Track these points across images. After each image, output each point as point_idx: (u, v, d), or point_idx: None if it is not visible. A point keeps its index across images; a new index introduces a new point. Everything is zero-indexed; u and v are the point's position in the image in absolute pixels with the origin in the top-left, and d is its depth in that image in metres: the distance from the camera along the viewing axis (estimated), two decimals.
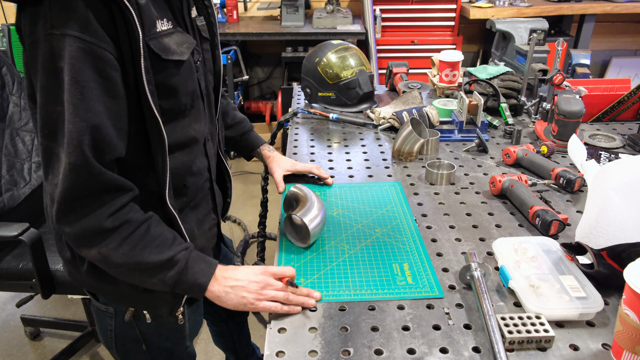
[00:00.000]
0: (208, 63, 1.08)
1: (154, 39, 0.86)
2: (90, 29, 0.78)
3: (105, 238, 0.86)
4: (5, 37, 2.95)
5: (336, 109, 1.84)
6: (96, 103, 0.80)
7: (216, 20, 1.09)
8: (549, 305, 0.88)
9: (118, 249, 0.86)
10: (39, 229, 1.51)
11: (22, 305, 2.20)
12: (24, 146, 1.76)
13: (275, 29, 3.39)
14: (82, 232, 0.84)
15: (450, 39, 3.63)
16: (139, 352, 1.12)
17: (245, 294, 0.93)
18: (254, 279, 0.94)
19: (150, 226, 0.90)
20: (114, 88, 0.82)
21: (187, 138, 0.99)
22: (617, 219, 0.96)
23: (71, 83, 0.78)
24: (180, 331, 1.11)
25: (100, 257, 0.87)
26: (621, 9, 3.46)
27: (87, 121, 0.79)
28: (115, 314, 1.07)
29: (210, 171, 1.11)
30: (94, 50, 0.79)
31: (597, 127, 1.70)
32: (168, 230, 0.93)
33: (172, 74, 0.91)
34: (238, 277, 0.95)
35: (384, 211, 1.23)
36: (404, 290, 0.97)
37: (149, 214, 0.92)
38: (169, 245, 0.91)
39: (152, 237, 0.90)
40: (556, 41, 1.73)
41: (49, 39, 0.77)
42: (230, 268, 0.97)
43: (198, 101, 1.02)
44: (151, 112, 0.87)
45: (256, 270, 0.96)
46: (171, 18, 0.93)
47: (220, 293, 0.93)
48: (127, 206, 0.88)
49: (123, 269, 0.89)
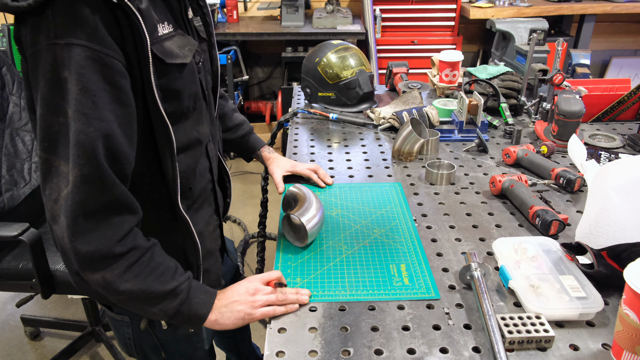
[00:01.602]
0: (206, 64, 1.08)
1: (156, 44, 0.85)
2: (97, 37, 0.76)
3: (111, 264, 0.83)
4: (5, 37, 2.95)
5: (336, 109, 1.84)
6: (107, 112, 0.79)
7: (211, 20, 1.08)
8: (549, 305, 0.88)
9: (123, 276, 0.84)
10: (39, 229, 1.51)
11: (22, 305, 2.20)
12: (24, 146, 1.76)
13: (275, 29, 3.39)
14: (90, 255, 0.81)
15: (450, 39, 3.63)
16: (159, 358, 1.11)
17: (240, 307, 0.93)
18: (243, 290, 0.95)
19: (154, 254, 0.89)
20: (123, 96, 0.81)
21: (191, 140, 0.98)
22: (617, 219, 0.96)
23: (81, 93, 0.76)
24: (197, 335, 1.11)
25: (104, 283, 0.84)
26: (621, 9, 3.46)
27: (101, 130, 0.78)
28: (132, 323, 1.07)
29: (212, 172, 1.11)
30: (102, 58, 0.77)
31: (597, 127, 1.70)
32: (169, 259, 0.92)
33: (176, 77, 0.90)
34: (227, 295, 0.95)
35: (383, 212, 1.23)
36: (401, 291, 0.97)
37: (152, 240, 0.90)
38: (171, 274, 0.89)
39: (156, 265, 0.88)
40: (556, 41, 1.73)
41: (52, 48, 0.75)
42: (222, 294, 0.96)
43: (200, 103, 1.02)
44: (160, 117, 0.86)
45: (242, 283, 0.97)
46: (171, 21, 0.92)
47: (217, 316, 0.93)
48: (134, 231, 0.86)
49: (125, 297, 0.86)
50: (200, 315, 0.92)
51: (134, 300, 0.88)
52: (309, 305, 0.94)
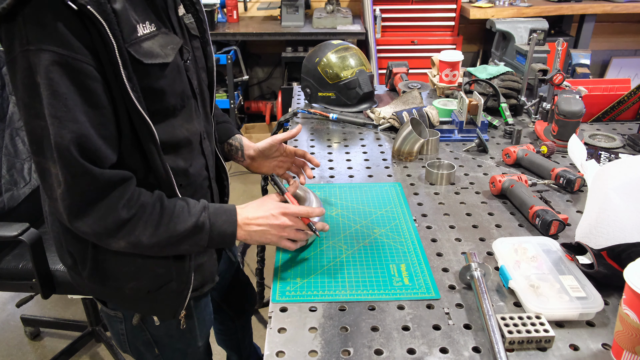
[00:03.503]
0: (200, 61, 1.07)
1: (134, 44, 0.84)
2: (64, 42, 0.77)
3: (127, 227, 0.87)
4: None
5: (336, 109, 1.84)
6: (80, 114, 0.80)
7: (205, 16, 1.08)
8: (549, 305, 0.88)
9: (144, 232, 0.89)
10: (39, 229, 1.51)
11: (22, 305, 2.20)
12: (24, 146, 1.76)
13: (275, 29, 3.38)
14: (103, 228, 0.86)
15: (450, 39, 3.63)
16: (152, 355, 1.12)
17: (269, 236, 1.00)
18: (275, 222, 0.99)
19: (162, 202, 0.92)
20: (95, 98, 0.82)
21: (180, 138, 0.98)
22: (617, 219, 0.96)
23: (52, 97, 0.77)
24: (190, 331, 1.11)
25: (131, 246, 0.89)
26: (621, 9, 3.46)
27: (75, 132, 0.79)
28: (125, 319, 1.08)
29: (209, 169, 1.11)
30: (70, 63, 0.78)
31: (597, 127, 1.70)
32: (176, 198, 0.95)
33: (157, 77, 0.90)
34: (260, 222, 0.99)
35: (383, 212, 1.23)
36: (401, 291, 0.97)
37: (155, 192, 0.93)
38: (187, 212, 0.93)
39: (169, 210, 0.92)
40: (556, 41, 1.73)
41: (25, 55, 0.76)
42: (250, 208, 1.01)
43: (189, 101, 1.01)
44: (140, 116, 0.86)
45: (275, 211, 1.00)
46: (154, 20, 0.91)
47: (245, 237, 0.99)
48: (135, 192, 0.89)
49: (156, 248, 0.91)
50: (230, 234, 0.97)
51: (166, 247, 0.92)
52: (309, 305, 0.94)
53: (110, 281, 0.98)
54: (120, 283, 0.98)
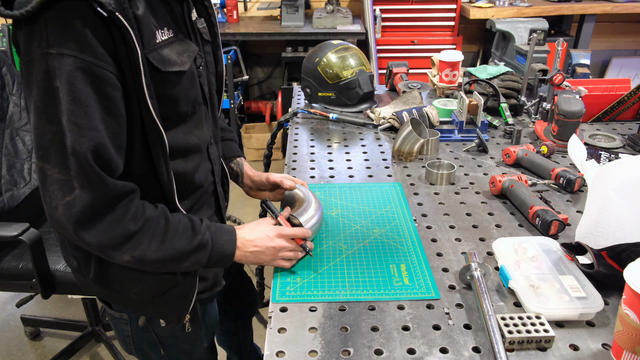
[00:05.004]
0: (210, 66, 1.07)
1: (153, 51, 0.84)
2: (89, 49, 0.76)
3: (134, 241, 0.87)
4: (5, 37, 2.94)
5: (336, 109, 1.84)
6: (98, 122, 0.79)
7: (216, 20, 1.08)
8: (549, 305, 0.88)
9: (150, 247, 0.88)
10: (39, 229, 1.51)
11: (22, 305, 2.20)
12: (24, 146, 1.76)
13: (275, 29, 3.38)
14: (110, 240, 0.85)
15: (450, 39, 3.63)
16: (158, 356, 1.12)
17: (263, 257, 1.02)
18: (270, 245, 1.01)
19: (167, 217, 0.92)
20: (114, 107, 0.81)
21: (190, 145, 0.98)
22: (617, 219, 0.96)
23: (73, 103, 0.76)
24: (195, 333, 1.11)
25: (135, 260, 0.88)
26: (621, 9, 3.46)
27: (94, 140, 0.79)
28: (130, 320, 1.07)
29: (214, 174, 1.11)
30: (93, 70, 0.77)
31: (597, 127, 1.70)
32: (181, 215, 0.95)
33: (173, 84, 0.90)
34: (256, 243, 1.01)
35: (383, 212, 1.23)
36: (401, 291, 0.97)
37: (159, 206, 0.93)
38: (191, 229, 0.93)
39: (174, 226, 0.92)
40: (556, 41, 1.73)
41: (44, 57, 0.75)
42: (247, 230, 1.02)
43: (200, 107, 1.01)
44: (153, 123, 0.86)
45: (270, 233, 1.02)
46: (172, 25, 0.91)
47: (241, 257, 1.01)
48: (140, 205, 0.89)
49: (159, 264, 0.91)
50: (229, 254, 0.98)
51: (169, 263, 0.92)
52: (309, 305, 0.94)
53: (114, 285, 0.98)
54: (125, 287, 0.97)
